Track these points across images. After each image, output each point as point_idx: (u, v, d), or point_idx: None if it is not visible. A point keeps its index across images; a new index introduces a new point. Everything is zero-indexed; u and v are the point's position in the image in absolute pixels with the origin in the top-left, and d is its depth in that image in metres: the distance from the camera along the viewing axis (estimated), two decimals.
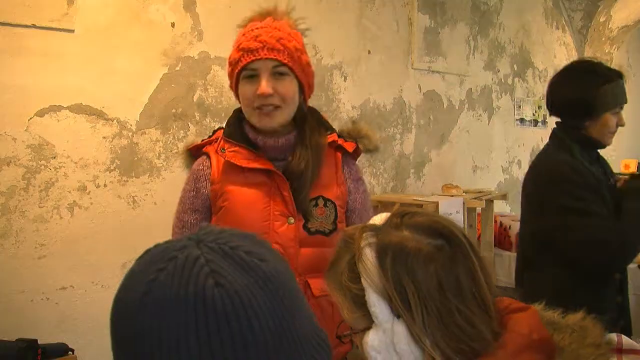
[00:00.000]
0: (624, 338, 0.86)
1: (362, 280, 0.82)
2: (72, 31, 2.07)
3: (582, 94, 1.82)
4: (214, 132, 1.49)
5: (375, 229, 0.85)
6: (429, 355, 0.78)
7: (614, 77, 1.83)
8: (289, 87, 1.34)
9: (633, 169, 4.76)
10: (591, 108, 1.81)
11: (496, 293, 0.83)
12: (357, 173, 1.50)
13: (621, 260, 1.78)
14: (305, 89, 1.41)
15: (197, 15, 2.38)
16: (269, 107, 1.34)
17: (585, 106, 1.82)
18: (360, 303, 0.83)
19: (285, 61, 1.32)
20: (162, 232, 1.36)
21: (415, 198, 2.89)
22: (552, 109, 1.95)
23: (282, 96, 1.34)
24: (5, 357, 1.67)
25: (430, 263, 0.79)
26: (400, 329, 0.79)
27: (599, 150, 1.93)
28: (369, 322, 0.83)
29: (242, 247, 0.58)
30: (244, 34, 1.36)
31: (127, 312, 0.56)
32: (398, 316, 0.79)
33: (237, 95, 1.41)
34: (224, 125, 1.48)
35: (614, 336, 0.85)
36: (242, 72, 1.34)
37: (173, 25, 2.32)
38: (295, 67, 1.34)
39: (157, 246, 0.60)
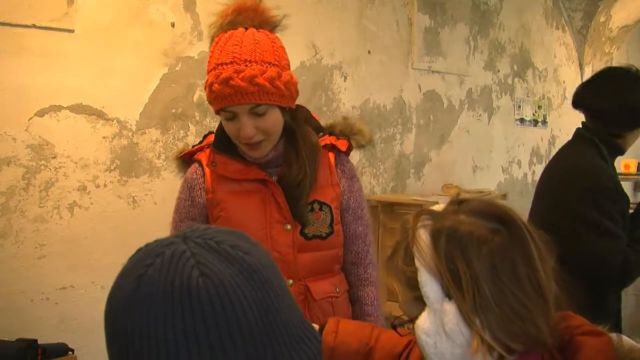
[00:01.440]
0: (624, 338, 0.86)
1: (415, 260, 0.81)
2: (72, 31, 2.07)
3: (637, 105, 1.77)
4: (205, 137, 1.47)
5: (431, 213, 0.85)
6: (478, 337, 0.77)
7: None
8: (270, 120, 1.29)
9: (633, 169, 4.76)
10: None
11: (552, 284, 0.81)
12: (351, 171, 1.47)
13: (621, 284, 1.75)
14: (289, 104, 1.34)
15: (197, 15, 2.38)
16: (253, 142, 1.31)
17: (637, 116, 1.78)
18: (413, 285, 0.82)
19: (262, 101, 1.25)
20: (162, 232, 1.35)
21: (415, 198, 2.89)
22: (593, 112, 1.85)
23: (265, 131, 1.30)
24: (5, 357, 1.67)
25: (484, 245, 0.78)
26: (450, 308, 0.78)
27: None
28: (421, 306, 0.82)
29: (227, 241, 0.59)
30: (215, 72, 1.27)
31: (119, 308, 0.57)
32: (449, 297, 0.78)
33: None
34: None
35: (614, 336, 0.84)
36: (220, 112, 1.30)
37: (173, 25, 2.32)
38: (273, 99, 1.26)
39: (147, 245, 0.62)
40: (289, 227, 1.34)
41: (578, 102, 1.90)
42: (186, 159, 1.46)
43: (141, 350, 0.54)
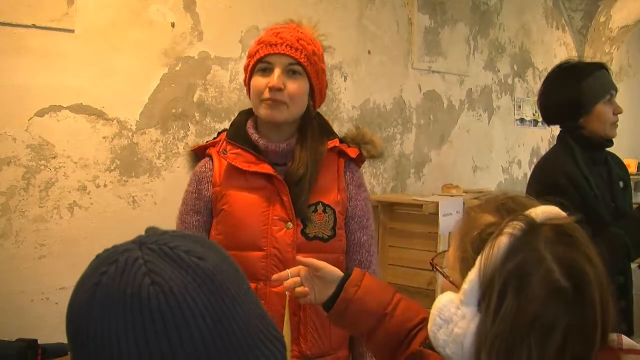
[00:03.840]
0: (624, 338, 0.85)
1: (478, 258, 0.76)
2: (72, 31, 2.07)
3: (566, 94, 1.83)
4: (219, 133, 1.49)
5: (529, 224, 0.76)
6: None
7: (594, 69, 1.85)
8: (300, 86, 1.35)
9: (633, 169, 4.76)
10: (579, 104, 1.82)
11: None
12: (360, 179, 1.49)
13: None
14: (315, 95, 1.41)
15: (197, 15, 2.38)
16: (276, 102, 1.35)
17: (574, 104, 1.83)
18: (463, 268, 0.78)
19: (301, 60, 1.34)
20: None
21: (415, 198, 2.89)
22: (547, 119, 1.97)
23: (291, 94, 1.34)
24: (5, 357, 1.67)
25: (539, 298, 0.72)
26: (472, 321, 0.74)
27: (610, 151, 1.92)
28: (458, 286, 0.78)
29: (181, 246, 0.60)
30: (266, 31, 1.40)
31: (76, 314, 0.58)
32: (479, 310, 0.74)
33: (248, 90, 1.42)
34: (226, 125, 1.48)
35: (613, 336, 0.84)
36: (257, 65, 1.36)
37: (173, 25, 2.32)
38: (309, 68, 1.36)
39: (105, 250, 0.63)
40: (290, 225, 1.35)
41: (540, 113, 2.01)
42: (198, 154, 1.48)
43: (96, 357, 0.56)
